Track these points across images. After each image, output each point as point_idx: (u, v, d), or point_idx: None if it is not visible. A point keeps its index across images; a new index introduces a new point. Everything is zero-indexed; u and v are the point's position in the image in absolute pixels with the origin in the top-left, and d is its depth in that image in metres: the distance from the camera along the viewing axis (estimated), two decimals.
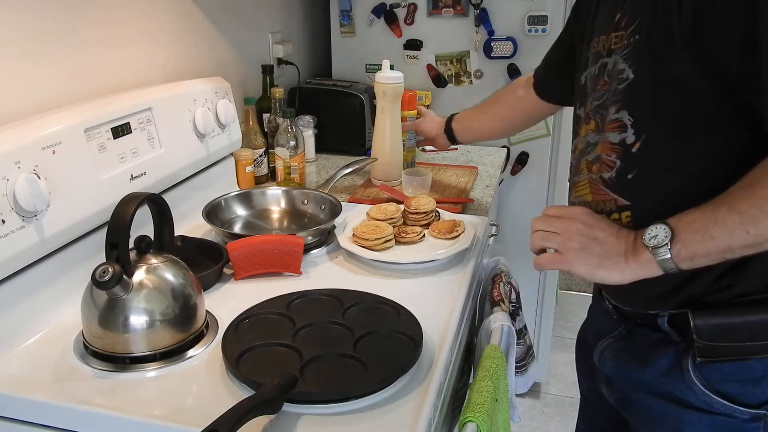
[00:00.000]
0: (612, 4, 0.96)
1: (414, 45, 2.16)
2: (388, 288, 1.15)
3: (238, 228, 1.43)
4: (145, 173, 1.27)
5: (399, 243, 1.33)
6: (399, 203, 1.49)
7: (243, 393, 0.87)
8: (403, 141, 1.75)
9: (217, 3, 1.71)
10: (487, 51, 2.09)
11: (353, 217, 1.42)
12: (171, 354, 0.96)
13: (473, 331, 1.30)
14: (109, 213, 0.94)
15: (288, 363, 0.92)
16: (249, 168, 1.67)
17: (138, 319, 0.94)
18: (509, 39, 2.06)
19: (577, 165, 1.03)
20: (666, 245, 0.81)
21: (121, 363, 0.94)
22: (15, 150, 0.99)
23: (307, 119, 1.94)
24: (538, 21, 2.03)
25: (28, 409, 0.89)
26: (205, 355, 0.98)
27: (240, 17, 1.85)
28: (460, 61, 2.14)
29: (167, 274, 0.98)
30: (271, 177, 1.75)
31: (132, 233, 0.93)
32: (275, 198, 1.52)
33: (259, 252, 1.21)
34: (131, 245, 0.96)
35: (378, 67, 1.72)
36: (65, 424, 0.87)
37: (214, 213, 1.40)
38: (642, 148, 0.89)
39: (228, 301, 1.12)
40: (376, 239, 1.29)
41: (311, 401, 0.86)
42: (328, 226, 1.37)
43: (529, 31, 2.04)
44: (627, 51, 0.89)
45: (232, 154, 1.64)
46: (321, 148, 2.00)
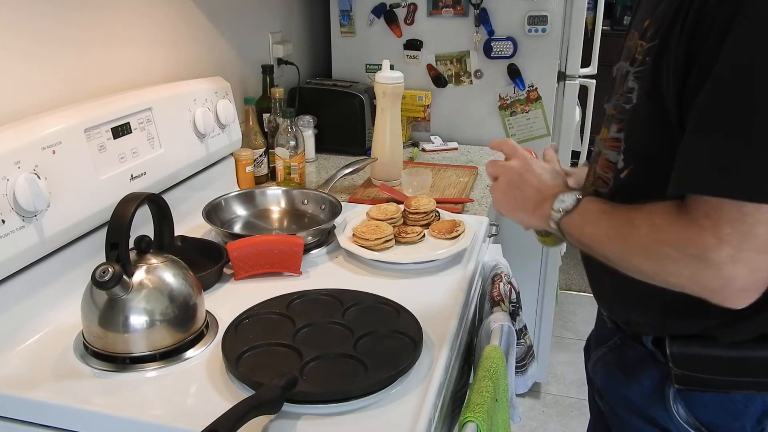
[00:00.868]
0: (646, 3, 0.87)
1: (414, 45, 2.16)
2: (388, 288, 1.15)
3: (238, 228, 1.43)
4: (145, 173, 1.27)
5: (399, 243, 1.33)
6: (399, 203, 1.49)
7: (243, 393, 0.87)
8: None
9: (217, 3, 1.71)
10: (487, 51, 2.09)
11: (353, 217, 1.42)
12: (171, 354, 0.96)
13: (473, 331, 1.30)
14: (109, 213, 0.94)
15: (288, 363, 0.92)
16: (249, 168, 1.67)
17: (138, 319, 0.94)
18: (509, 39, 2.07)
19: (590, 165, 0.99)
20: (564, 213, 0.86)
21: (121, 363, 0.94)
22: (15, 150, 0.99)
23: (307, 119, 1.94)
24: (538, 21, 2.03)
25: (28, 409, 0.89)
26: (205, 355, 0.98)
27: (240, 17, 1.85)
28: (460, 61, 2.14)
29: (167, 274, 0.98)
30: (271, 177, 1.75)
31: (132, 233, 0.93)
32: (275, 198, 1.52)
33: (259, 252, 1.21)
34: (131, 245, 0.96)
35: (378, 67, 1.72)
36: (65, 424, 0.87)
37: (214, 213, 1.40)
38: (628, 176, 0.85)
39: (228, 301, 1.12)
40: (376, 239, 1.29)
41: (311, 401, 0.86)
42: (328, 226, 1.37)
43: (529, 31, 2.04)
44: (639, 71, 0.82)
45: (232, 154, 1.64)
46: (321, 148, 2.00)
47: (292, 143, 1.64)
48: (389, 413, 0.86)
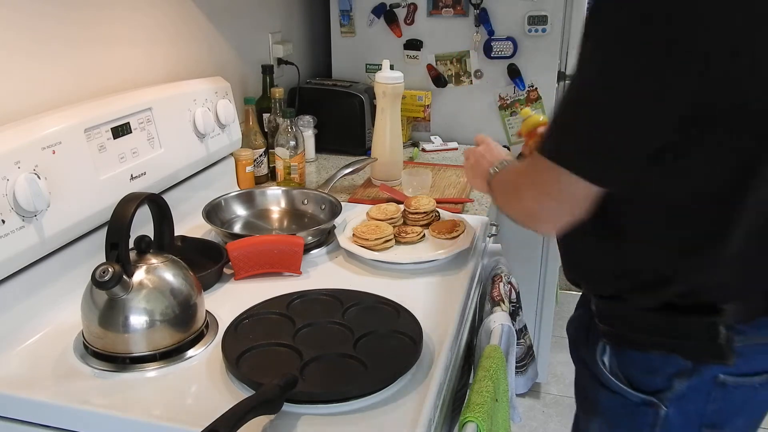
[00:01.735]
0: None
1: (414, 45, 2.16)
2: (388, 288, 1.15)
3: (238, 228, 1.43)
4: (145, 173, 1.27)
5: (399, 243, 1.33)
6: (399, 203, 1.49)
7: (243, 393, 0.87)
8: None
9: (217, 3, 1.71)
10: (487, 51, 2.09)
11: (353, 217, 1.42)
12: (171, 354, 0.96)
13: (473, 331, 1.30)
14: (109, 213, 0.94)
15: (288, 363, 0.92)
16: (249, 168, 1.67)
17: (138, 319, 0.94)
18: (509, 39, 2.06)
19: None
20: (494, 173, 1.09)
21: (121, 363, 0.94)
22: (15, 150, 0.99)
23: (307, 119, 1.94)
24: (538, 21, 2.03)
25: (28, 409, 0.89)
26: (205, 355, 0.98)
27: (240, 17, 1.84)
28: (460, 61, 2.14)
29: (167, 274, 0.98)
30: (271, 177, 1.75)
31: (132, 233, 0.93)
32: (275, 198, 1.52)
33: (259, 252, 1.21)
34: (131, 245, 0.96)
35: (378, 67, 1.72)
36: (65, 424, 0.87)
37: (214, 213, 1.40)
38: None
39: (228, 301, 1.12)
40: (376, 239, 1.29)
41: (311, 401, 0.86)
42: (328, 226, 1.37)
43: (529, 31, 2.04)
44: None
45: (232, 154, 1.64)
46: (321, 148, 2.00)
47: (292, 143, 1.64)
48: (389, 413, 0.86)
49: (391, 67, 1.69)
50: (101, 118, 1.18)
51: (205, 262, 1.22)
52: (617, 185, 0.84)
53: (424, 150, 2.09)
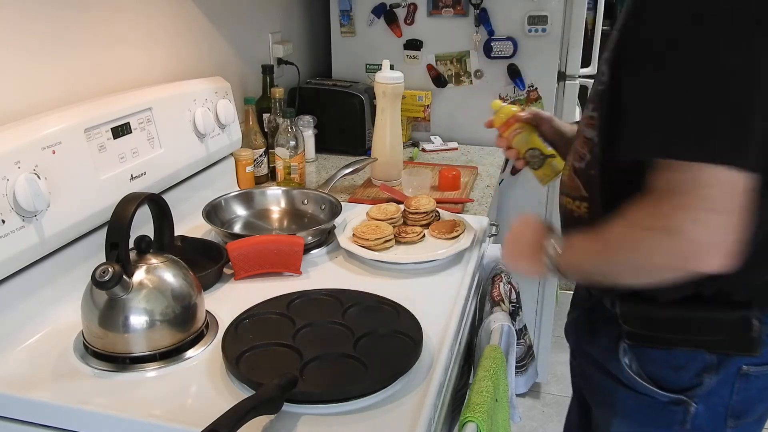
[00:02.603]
0: None
1: (414, 45, 2.16)
2: (388, 288, 1.15)
3: (238, 228, 1.43)
4: (145, 173, 1.27)
5: (399, 243, 1.33)
6: (399, 203, 1.49)
7: (243, 393, 0.87)
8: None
9: (217, 3, 1.71)
10: (487, 51, 2.09)
11: (353, 217, 1.42)
12: (171, 354, 0.96)
13: (473, 331, 1.30)
14: (109, 213, 0.94)
15: (288, 363, 0.92)
16: (249, 168, 1.67)
17: (138, 319, 0.94)
18: (509, 39, 2.06)
19: (573, 143, 1.06)
20: (554, 257, 0.94)
21: (121, 363, 0.94)
22: (15, 150, 0.99)
23: (307, 119, 1.94)
24: (538, 21, 2.03)
25: (28, 409, 0.89)
26: (205, 355, 0.98)
27: (240, 17, 1.84)
28: (460, 61, 2.14)
29: (167, 274, 0.98)
30: (271, 177, 1.75)
31: (132, 233, 0.93)
32: (275, 198, 1.52)
33: (259, 252, 1.21)
34: (131, 245, 0.96)
35: (378, 67, 1.72)
36: (65, 424, 0.87)
37: (214, 213, 1.40)
38: (605, 151, 0.91)
39: (228, 301, 1.12)
40: (376, 239, 1.29)
41: (311, 401, 0.86)
42: (328, 226, 1.37)
43: (529, 31, 2.04)
44: (608, 57, 0.91)
45: (232, 154, 1.64)
46: (321, 148, 2.00)
47: (292, 143, 1.64)
48: (389, 413, 0.86)
49: (391, 67, 1.69)
50: (101, 118, 1.18)
51: (205, 262, 1.22)
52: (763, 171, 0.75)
53: (424, 150, 2.09)
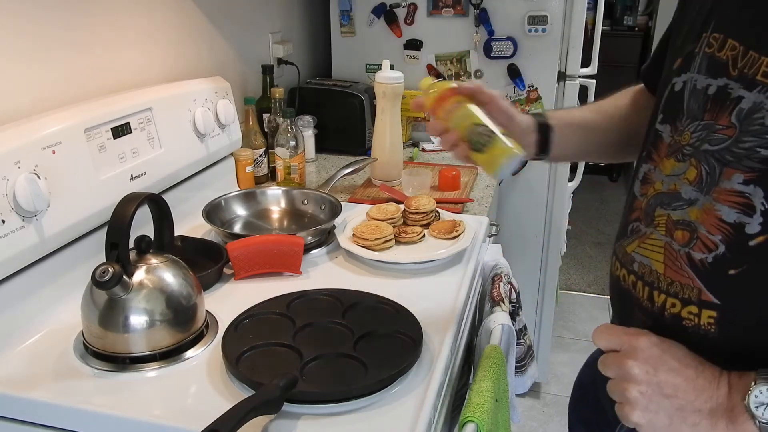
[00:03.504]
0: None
1: (414, 45, 2.16)
2: (388, 288, 1.15)
3: (238, 228, 1.43)
4: (145, 173, 1.27)
5: (399, 243, 1.33)
6: (399, 203, 1.49)
7: (243, 393, 0.87)
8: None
9: (217, 3, 1.71)
10: (487, 51, 2.09)
11: (353, 217, 1.42)
12: (171, 354, 0.96)
13: (473, 331, 1.30)
14: (109, 213, 0.94)
15: (288, 363, 0.92)
16: (249, 168, 1.67)
17: (138, 319, 0.94)
18: (509, 39, 2.06)
19: (650, 212, 0.77)
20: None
21: (121, 363, 0.94)
22: (15, 150, 0.99)
23: (307, 119, 1.94)
24: (538, 21, 2.03)
25: (28, 409, 0.89)
26: (205, 355, 0.98)
27: (240, 17, 1.85)
28: (460, 61, 2.14)
29: (167, 274, 0.98)
30: (271, 177, 1.75)
31: (132, 233, 0.93)
32: (275, 198, 1.52)
33: (259, 252, 1.21)
34: (131, 245, 0.96)
35: (378, 67, 1.72)
36: (65, 424, 0.87)
37: (214, 213, 1.40)
38: (766, 246, 0.66)
39: (228, 301, 1.12)
40: (376, 239, 1.29)
41: (311, 401, 0.86)
42: (328, 226, 1.37)
43: (529, 31, 2.04)
44: None
45: (232, 154, 1.64)
46: (321, 148, 2.00)
47: (292, 143, 1.64)
48: (389, 413, 0.86)
49: (391, 67, 1.69)
50: (101, 118, 1.18)
51: (205, 262, 1.22)
52: None
53: (424, 150, 2.09)
